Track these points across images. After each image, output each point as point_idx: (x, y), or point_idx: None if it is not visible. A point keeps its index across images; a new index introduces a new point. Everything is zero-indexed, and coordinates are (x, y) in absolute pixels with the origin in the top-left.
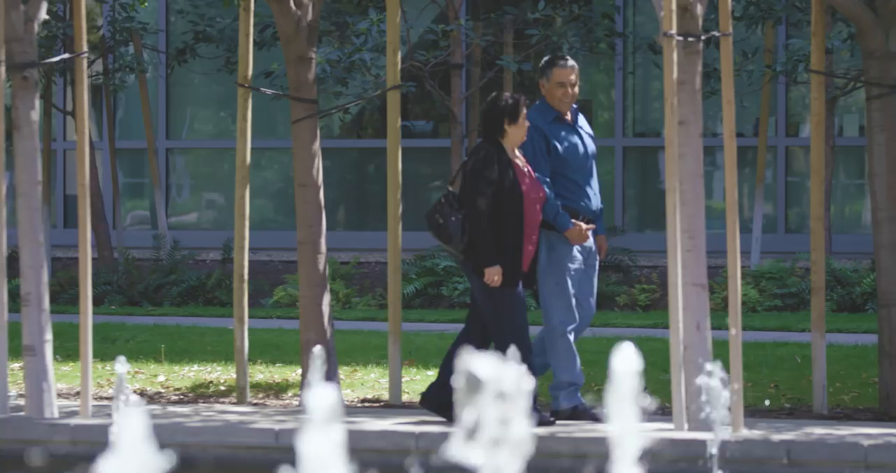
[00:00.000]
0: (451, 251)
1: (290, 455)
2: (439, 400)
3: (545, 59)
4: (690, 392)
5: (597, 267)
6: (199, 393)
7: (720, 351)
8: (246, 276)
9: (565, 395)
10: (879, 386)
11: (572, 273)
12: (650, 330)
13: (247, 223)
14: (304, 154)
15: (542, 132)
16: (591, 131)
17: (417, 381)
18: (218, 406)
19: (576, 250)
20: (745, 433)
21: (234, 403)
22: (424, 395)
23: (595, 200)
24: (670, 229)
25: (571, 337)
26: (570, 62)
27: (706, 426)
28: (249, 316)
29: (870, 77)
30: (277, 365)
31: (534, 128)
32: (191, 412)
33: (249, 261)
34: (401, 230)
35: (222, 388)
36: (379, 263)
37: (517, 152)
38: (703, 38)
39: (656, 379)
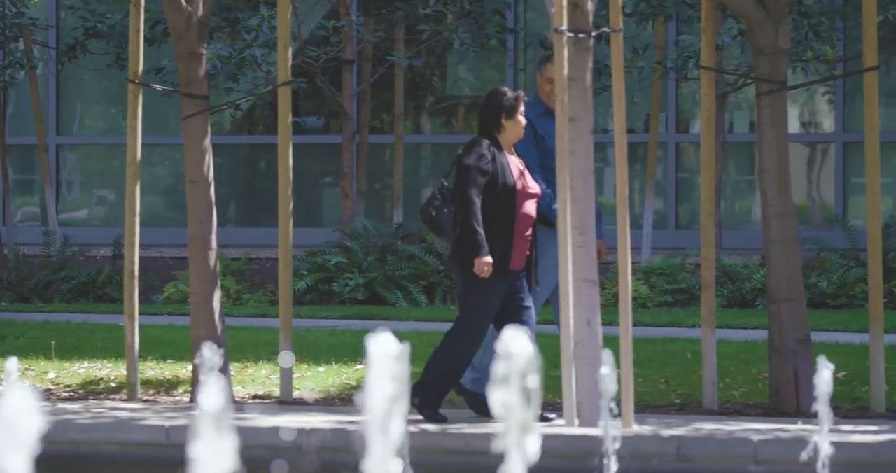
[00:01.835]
0: (442, 243)
1: (181, 452)
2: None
3: (545, 53)
4: (581, 387)
5: None
6: (90, 390)
7: (610, 347)
8: (136, 273)
9: (474, 382)
10: (769, 382)
11: (553, 270)
12: (541, 325)
13: (137, 219)
14: (194, 150)
15: (531, 123)
16: None
17: (308, 377)
18: (108, 403)
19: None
20: (635, 428)
21: (124, 400)
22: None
23: None
24: (561, 225)
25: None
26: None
27: (596, 422)
28: (140, 313)
29: (759, 73)
30: (168, 361)
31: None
32: (81, 409)
33: (140, 258)
34: (291, 226)
35: (113, 385)
36: (270, 259)
37: (513, 150)
38: (593, 34)
39: (547, 374)
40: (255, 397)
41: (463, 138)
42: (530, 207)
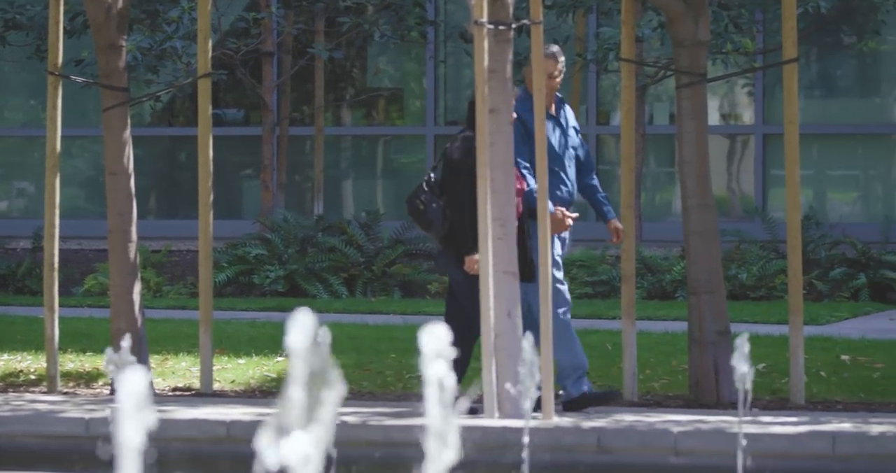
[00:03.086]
0: (431, 238)
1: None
2: None
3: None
4: (502, 379)
5: (563, 254)
6: (9, 383)
7: None
8: (56, 265)
9: (572, 383)
10: (689, 373)
11: (556, 259)
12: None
13: (57, 211)
14: (114, 142)
15: (521, 119)
16: (575, 124)
17: (229, 370)
18: (28, 396)
19: (556, 237)
20: (555, 420)
21: (44, 392)
22: None
23: (572, 189)
24: (481, 217)
25: (569, 319)
26: (554, 52)
27: (517, 413)
28: (60, 305)
29: (679, 65)
30: (88, 353)
31: None
32: (0, 401)
33: (60, 250)
34: (212, 218)
35: (32, 377)
36: (190, 251)
37: None
38: (513, 26)
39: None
40: (175, 389)
41: (383, 130)
42: (517, 202)
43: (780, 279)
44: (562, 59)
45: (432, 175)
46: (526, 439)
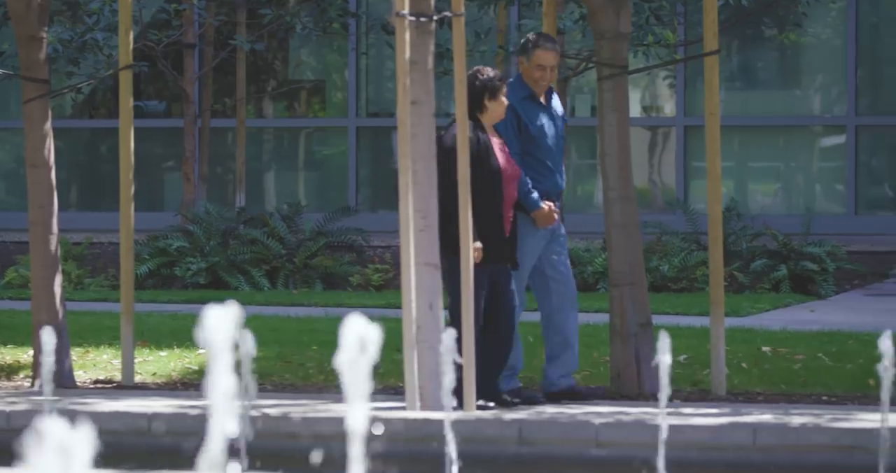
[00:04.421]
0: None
1: (21, 437)
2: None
3: (530, 37)
4: (423, 371)
5: (566, 246)
6: None
7: None
8: None
9: (502, 378)
10: (610, 365)
11: (531, 256)
12: (383, 309)
13: None
14: (35, 134)
15: (514, 109)
16: (562, 112)
17: (150, 362)
18: None
19: (539, 232)
20: (476, 412)
21: None
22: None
23: (562, 181)
24: (403, 209)
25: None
26: (554, 45)
27: (438, 405)
28: None
29: (601, 58)
30: (9, 346)
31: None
32: None
33: None
34: (133, 210)
35: None
36: (111, 243)
37: (494, 130)
38: (435, 18)
39: (390, 358)
40: (96, 382)
41: (305, 122)
42: (513, 188)
43: (702, 271)
44: (558, 49)
45: None
46: (447, 431)
